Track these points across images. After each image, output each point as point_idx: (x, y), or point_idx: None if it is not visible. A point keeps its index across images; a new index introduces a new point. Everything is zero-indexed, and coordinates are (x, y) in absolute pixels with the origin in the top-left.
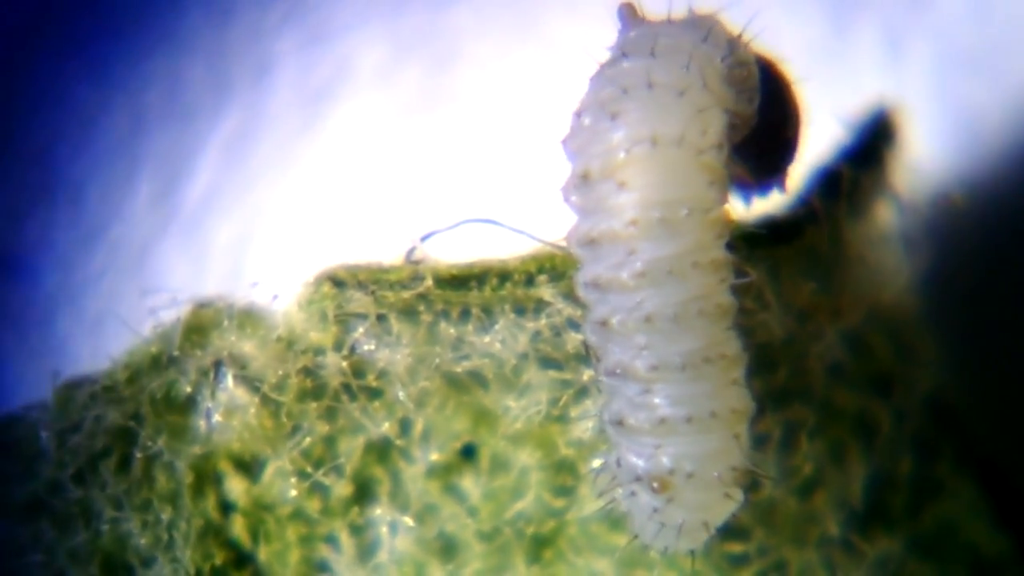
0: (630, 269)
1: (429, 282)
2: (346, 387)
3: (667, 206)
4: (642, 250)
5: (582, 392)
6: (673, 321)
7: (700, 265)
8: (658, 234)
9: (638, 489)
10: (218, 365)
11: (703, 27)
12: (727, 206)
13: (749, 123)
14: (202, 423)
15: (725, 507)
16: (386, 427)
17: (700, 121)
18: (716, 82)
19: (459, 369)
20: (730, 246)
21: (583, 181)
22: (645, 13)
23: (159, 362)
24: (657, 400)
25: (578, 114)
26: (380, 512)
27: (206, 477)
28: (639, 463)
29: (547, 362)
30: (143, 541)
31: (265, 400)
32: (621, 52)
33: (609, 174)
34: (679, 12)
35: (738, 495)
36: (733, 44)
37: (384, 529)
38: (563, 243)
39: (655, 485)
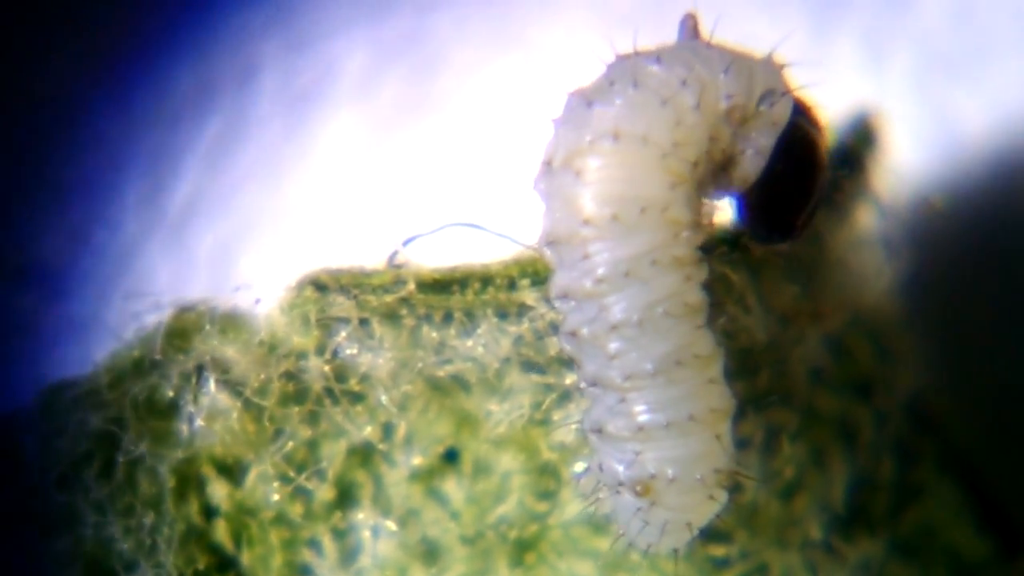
0: (591, 276)
1: (411, 286)
2: (328, 391)
3: (622, 202)
4: (597, 251)
5: (564, 396)
6: (639, 327)
7: (660, 263)
8: (613, 233)
9: (622, 490)
10: (200, 369)
11: (733, 61)
12: (692, 211)
13: (745, 178)
14: (184, 427)
15: (708, 508)
16: (368, 431)
17: (675, 131)
18: (712, 112)
19: (441, 373)
20: (708, 249)
21: (547, 168)
22: (705, 33)
23: (141, 366)
24: (635, 408)
25: (570, 96)
26: (362, 516)
27: (189, 481)
28: (620, 469)
29: (529, 366)
30: (126, 546)
31: (247, 404)
32: (635, 51)
33: (569, 163)
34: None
35: (721, 496)
36: (767, 95)
37: (367, 533)
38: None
39: (638, 489)
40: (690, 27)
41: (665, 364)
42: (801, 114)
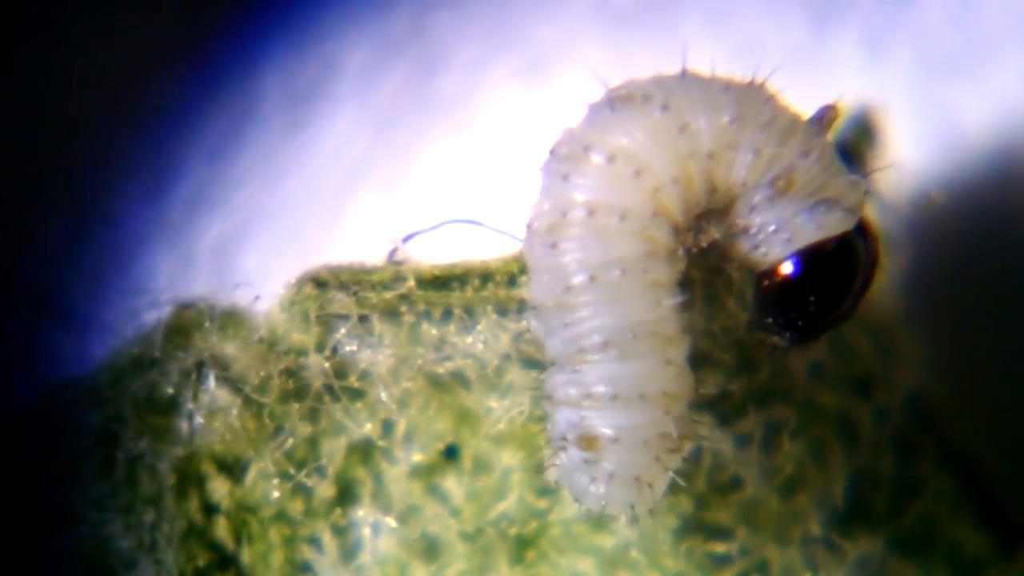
0: (569, 201)
1: (411, 283)
2: (328, 388)
3: (627, 159)
4: (583, 175)
5: None
6: (591, 285)
7: (629, 225)
8: (605, 175)
9: (567, 444)
10: (200, 366)
11: (832, 162)
12: (685, 216)
13: (758, 257)
14: (184, 425)
15: (657, 470)
16: (368, 428)
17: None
18: (762, 169)
19: (441, 370)
20: (706, 251)
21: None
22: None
23: (141, 364)
24: (585, 378)
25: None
26: (363, 513)
27: (189, 479)
28: (565, 426)
29: (529, 362)
30: (126, 544)
31: (247, 401)
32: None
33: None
34: None
35: (671, 461)
36: (831, 202)
37: (367, 530)
38: None
39: (582, 443)
40: (827, 119)
41: (619, 336)
42: (859, 232)
